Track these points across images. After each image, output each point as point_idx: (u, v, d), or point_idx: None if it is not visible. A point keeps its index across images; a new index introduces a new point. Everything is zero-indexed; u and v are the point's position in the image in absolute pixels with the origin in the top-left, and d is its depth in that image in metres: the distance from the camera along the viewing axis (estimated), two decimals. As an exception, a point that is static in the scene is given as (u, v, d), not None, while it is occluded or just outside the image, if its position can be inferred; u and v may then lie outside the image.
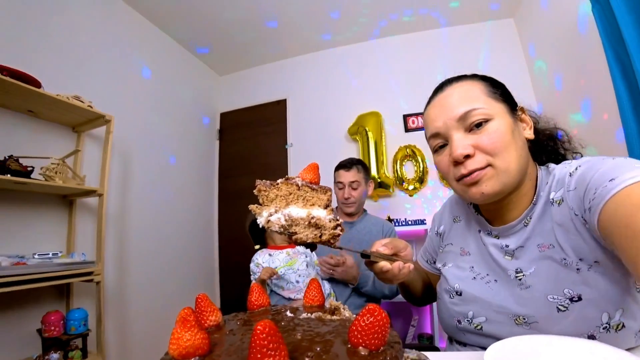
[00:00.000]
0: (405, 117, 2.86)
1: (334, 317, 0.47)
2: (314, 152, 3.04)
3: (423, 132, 2.58)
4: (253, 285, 0.56)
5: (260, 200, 0.54)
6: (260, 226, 0.53)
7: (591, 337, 0.55)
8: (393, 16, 2.79)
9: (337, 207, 1.95)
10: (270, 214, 0.52)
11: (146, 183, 2.52)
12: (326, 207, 0.52)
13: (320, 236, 0.52)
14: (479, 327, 0.68)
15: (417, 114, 2.82)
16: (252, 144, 3.31)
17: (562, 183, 0.65)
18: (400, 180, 2.76)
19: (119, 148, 2.28)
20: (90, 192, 1.84)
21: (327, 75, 3.19)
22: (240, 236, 3.18)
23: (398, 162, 2.77)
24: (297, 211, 0.52)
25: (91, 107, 1.81)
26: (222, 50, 3.15)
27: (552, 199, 0.65)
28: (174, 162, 2.83)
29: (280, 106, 3.27)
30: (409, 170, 2.78)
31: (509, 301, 0.65)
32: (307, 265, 1.61)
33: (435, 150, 0.72)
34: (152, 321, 2.39)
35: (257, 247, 1.69)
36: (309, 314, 0.49)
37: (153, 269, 2.50)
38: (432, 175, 2.73)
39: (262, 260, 1.59)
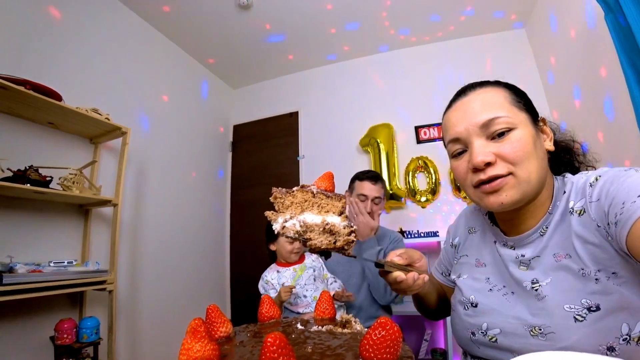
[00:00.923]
0: (417, 129, 2.85)
1: (345, 330, 0.47)
2: (325, 164, 3.04)
3: (434, 143, 2.59)
4: (264, 297, 0.56)
5: (276, 207, 0.55)
6: (276, 232, 0.54)
7: (610, 348, 0.53)
8: (404, 29, 2.81)
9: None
10: (285, 220, 0.53)
11: (160, 194, 2.55)
12: (340, 214, 0.52)
13: (335, 242, 0.52)
14: (493, 340, 0.66)
15: (428, 126, 2.81)
16: (264, 155, 3.34)
17: (582, 193, 0.63)
18: (412, 192, 2.73)
19: (134, 159, 2.33)
20: (105, 202, 1.87)
21: (339, 88, 3.22)
22: (251, 246, 3.19)
23: (410, 173, 2.75)
24: (312, 217, 0.52)
25: (109, 119, 1.86)
26: (236, 64, 3.22)
27: (572, 209, 0.63)
28: (189, 174, 2.88)
29: (292, 118, 3.31)
30: (421, 182, 2.76)
31: (524, 312, 0.63)
32: (314, 280, 1.60)
33: (454, 156, 0.71)
34: (163, 331, 2.40)
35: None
36: (320, 327, 0.48)
37: (165, 279, 2.51)
38: (445, 187, 2.70)
39: (271, 277, 1.59)
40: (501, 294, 0.69)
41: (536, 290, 0.62)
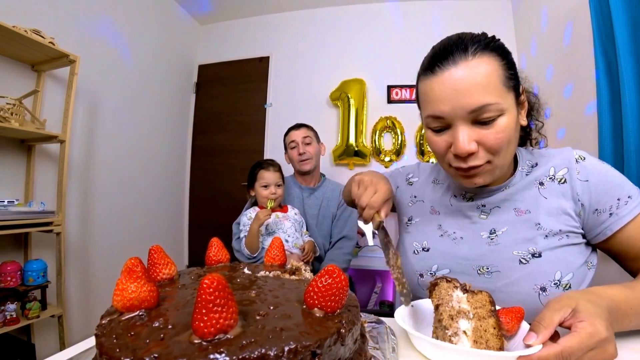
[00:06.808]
0: (389, 88, 2.80)
1: (293, 277, 0.46)
2: (293, 115, 2.94)
3: (405, 105, 2.52)
4: (212, 240, 0.54)
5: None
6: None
7: (543, 289, 0.61)
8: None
9: (294, 173, 1.94)
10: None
11: (114, 133, 2.38)
12: None
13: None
14: None
15: (401, 86, 2.77)
16: (230, 100, 3.16)
17: (565, 163, 0.67)
18: (377, 151, 2.75)
19: (85, 92, 2.12)
20: (51, 138, 1.73)
21: (314, 37, 3.04)
22: (213, 193, 3.13)
23: (377, 132, 2.75)
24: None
25: (53, 44, 1.66)
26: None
27: (554, 176, 0.67)
28: (148, 114, 2.69)
29: (262, 63, 3.12)
30: (387, 142, 2.77)
31: (474, 254, 0.68)
32: (295, 230, 1.65)
33: (433, 130, 0.65)
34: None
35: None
36: (268, 273, 0.47)
37: (119, 222, 2.43)
38: (410, 149, 2.74)
39: (254, 213, 1.59)
40: (451, 239, 0.73)
41: (492, 238, 0.68)
